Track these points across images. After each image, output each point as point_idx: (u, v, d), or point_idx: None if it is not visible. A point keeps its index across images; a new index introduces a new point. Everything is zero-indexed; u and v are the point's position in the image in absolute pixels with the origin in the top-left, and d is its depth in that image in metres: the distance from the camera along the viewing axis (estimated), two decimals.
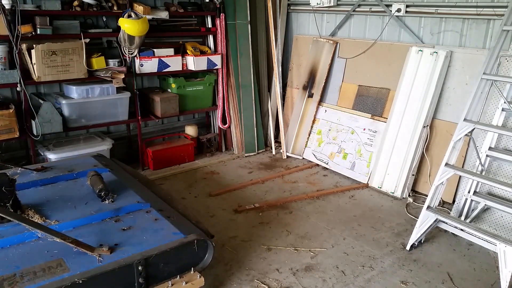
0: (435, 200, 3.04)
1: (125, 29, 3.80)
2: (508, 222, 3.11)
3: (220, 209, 3.62)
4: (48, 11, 3.62)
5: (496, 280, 2.69)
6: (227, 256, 2.92)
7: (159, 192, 3.02)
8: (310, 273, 2.76)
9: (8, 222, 2.29)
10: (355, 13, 4.40)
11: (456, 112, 3.60)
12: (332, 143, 4.48)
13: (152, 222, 2.44)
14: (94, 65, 3.89)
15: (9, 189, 2.34)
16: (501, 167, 3.18)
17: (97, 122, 4.10)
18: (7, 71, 3.54)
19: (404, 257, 2.94)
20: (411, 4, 3.88)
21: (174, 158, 4.57)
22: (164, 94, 4.40)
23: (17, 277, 1.93)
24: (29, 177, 2.94)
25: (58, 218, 2.43)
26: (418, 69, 3.79)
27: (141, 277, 2.07)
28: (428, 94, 3.71)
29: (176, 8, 4.38)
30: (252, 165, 4.63)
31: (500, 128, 3.03)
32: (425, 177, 3.89)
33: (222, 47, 4.66)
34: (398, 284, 2.66)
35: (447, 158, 2.90)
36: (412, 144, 3.79)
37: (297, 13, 5.05)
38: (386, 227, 3.35)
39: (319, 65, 4.60)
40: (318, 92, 4.58)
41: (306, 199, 3.80)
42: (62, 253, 2.09)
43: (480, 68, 2.99)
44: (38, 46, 3.52)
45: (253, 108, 4.92)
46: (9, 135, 3.63)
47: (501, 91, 3.04)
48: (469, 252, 3.01)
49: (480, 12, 3.45)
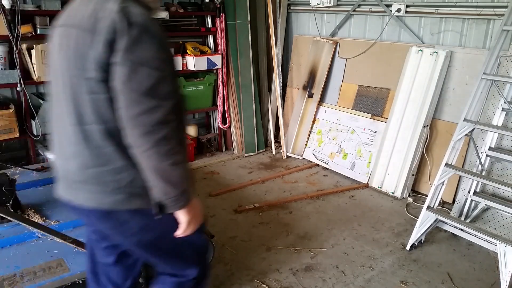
0: (435, 200, 3.04)
1: None
2: (508, 222, 3.11)
3: (220, 209, 3.62)
4: (48, 11, 3.62)
5: (496, 280, 2.68)
6: (227, 256, 2.92)
7: None
8: (310, 273, 2.76)
9: (8, 222, 2.29)
10: (355, 13, 4.40)
11: (456, 112, 3.60)
12: (332, 143, 4.48)
13: None
14: None
15: (9, 189, 2.35)
16: (501, 167, 3.18)
17: None
18: (7, 71, 3.54)
19: (404, 257, 2.94)
20: (411, 4, 3.88)
21: None
22: None
23: (17, 277, 1.93)
24: (29, 177, 2.94)
25: (58, 218, 2.43)
26: (418, 69, 3.79)
27: (141, 277, 2.07)
28: (428, 94, 3.71)
29: (176, 8, 4.38)
30: (252, 165, 4.63)
31: (500, 128, 3.03)
32: (425, 177, 3.89)
33: (222, 47, 4.66)
34: (398, 284, 2.66)
35: (447, 158, 2.90)
36: (412, 144, 3.79)
37: (297, 13, 5.05)
38: (386, 227, 3.35)
39: (319, 65, 4.60)
40: (318, 92, 4.58)
41: (306, 199, 3.80)
42: (62, 253, 2.10)
43: (480, 68, 2.99)
44: (38, 46, 3.52)
45: (253, 108, 4.92)
46: (9, 135, 3.63)
47: (501, 91, 3.04)
48: (469, 252, 3.01)
49: (480, 12, 3.45)
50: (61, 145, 1.48)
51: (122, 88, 1.27)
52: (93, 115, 1.35)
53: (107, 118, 1.34)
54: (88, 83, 1.33)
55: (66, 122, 1.40)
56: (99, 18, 1.29)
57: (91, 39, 1.29)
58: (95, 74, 1.31)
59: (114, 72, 1.28)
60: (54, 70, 1.46)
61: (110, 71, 1.29)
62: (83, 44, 1.32)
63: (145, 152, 1.30)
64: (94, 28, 1.29)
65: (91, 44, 1.29)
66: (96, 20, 1.29)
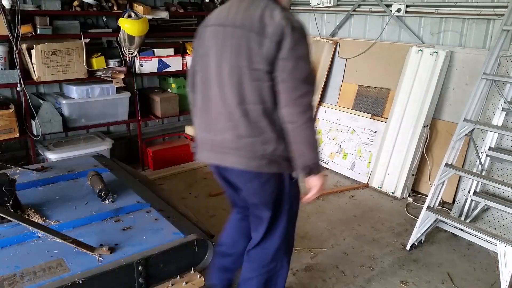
0: (435, 200, 3.04)
1: (125, 29, 3.80)
2: (508, 222, 3.11)
3: (220, 209, 3.62)
4: (48, 11, 3.63)
5: (496, 280, 2.69)
6: None
7: (159, 192, 3.02)
8: (310, 273, 2.76)
9: (8, 222, 2.29)
10: (355, 13, 4.40)
11: (456, 112, 3.60)
12: (332, 143, 4.48)
13: (152, 222, 2.44)
14: (94, 65, 3.89)
15: (9, 189, 2.34)
16: (501, 167, 3.18)
17: (97, 122, 4.10)
18: (7, 71, 3.54)
19: (404, 257, 2.94)
20: (411, 4, 3.88)
21: (174, 158, 4.57)
22: (164, 94, 4.40)
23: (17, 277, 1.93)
24: (29, 177, 2.93)
25: (58, 218, 2.43)
26: (418, 69, 3.79)
27: (141, 277, 2.07)
28: (428, 94, 3.71)
29: (176, 8, 4.38)
30: None
31: (500, 128, 3.03)
32: (425, 177, 3.89)
33: None
34: (398, 284, 2.66)
35: (447, 158, 2.90)
36: (412, 144, 3.79)
37: (297, 13, 5.05)
38: (386, 227, 3.35)
39: (319, 65, 4.60)
40: (318, 92, 4.58)
41: None
42: (62, 253, 2.09)
43: (480, 68, 3.00)
44: (38, 46, 3.52)
45: None
46: (9, 135, 3.63)
47: (501, 91, 3.04)
48: (469, 252, 3.01)
49: (480, 12, 3.45)
50: (214, 121, 1.85)
51: (286, 77, 1.66)
52: (254, 97, 1.72)
53: (265, 100, 1.72)
54: (253, 72, 1.70)
55: (226, 102, 1.77)
56: (267, 24, 1.66)
57: (260, 40, 1.66)
58: (262, 66, 1.68)
59: (280, 65, 1.66)
60: (205, 62, 1.84)
61: (275, 64, 1.67)
62: (251, 42, 1.68)
63: (301, 126, 1.69)
64: (263, 31, 1.66)
65: (260, 43, 1.66)
66: (264, 25, 1.67)
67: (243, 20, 1.73)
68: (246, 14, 1.73)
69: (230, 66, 1.74)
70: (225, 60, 1.76)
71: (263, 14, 1.69)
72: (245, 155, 1.80)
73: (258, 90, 1.72)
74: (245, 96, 1.73)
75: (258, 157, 1.78)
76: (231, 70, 1.74)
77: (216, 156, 1.90)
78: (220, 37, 1.79)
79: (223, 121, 1.81)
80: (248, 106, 1.74)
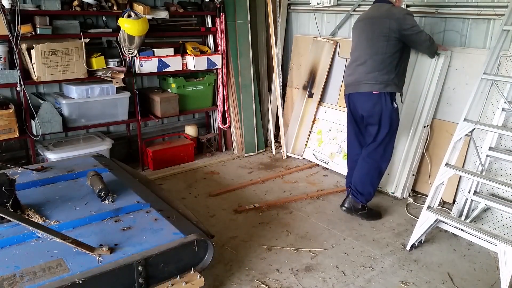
0: (435, 200, 3.04)
1: (125, 29, 3.80)
2: (508, 222, 3.11)
3: (220, 209, 3.62)
4: (48, 11, 3.63)
5: (496, 280, 2.69)
6: (227, 256, 2.92)
7: (159, 192, 3.02)
8: (310, 273, 2.76)
9: (8, 222, 2.29)
10: (355, 13, 4.40)
11: (456, 112, 3.60)
12: (332, 143, 4.48)
13: (152, 222, 2.44)
14: (94, 65, 3.89)
15: (9, 189, 2.34)
16: (502, 167, 3.18)
17: (97, 122, 4.10)
18: (7, 71, 3.54)
19: (404, 257, 2.94)
20: (411, 4, 3.88)
21: (174, 158, 4.57)
22: (164, 94, 4.40)
23: (17, 277, 1.93)
24: (29, 177, 2.93)
25: (58, 218, 2.43)
26: (418, 69, 3.78)
27: (141, 277, 2.08)
28: (428, 94, 3.71)
29: (176, 8, 4.38)
30: (252, 165, 4.63)
31: (500, 128, 3.03)
32: (425, 177, 3.89)
33: (222, 47, 4.66)
34: (398, 284, 2.66)
35: (447, 158, 2.90)
36: (412, 144, 3.79)
37: (297, 13, 5.05)
38: (386, 227, 3.35)
39: (319, 65, 4.60)
40: (318, 92, 4.58)
41: (306, 199, 3.80)
42: (62, 253, 2.09)
43: (480, 68, 3.00)
44: (38, 46, 3.52)
45: (253, 108, 4.93)
46: (9, 135, 3.63)
47: (501, 91, 3.04)
48: (469, 252, 3.01)
49: (480, 12, 3.45)
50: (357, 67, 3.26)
51: (415, 39, 3.18)
52: (385, 50, 3.13)
53: (390, 52, 3.14)
54: (385, 38, 3.11)
55: (368, 54, 3.20)
56: (391, 13, 3.13)
57: (389, 21, 3.10)
58: (392, 34, 3.11)
59: (406, 34, 3.12)
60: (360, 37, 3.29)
61: (399, 34, 3.10)
62: (384, 23, 3.12)
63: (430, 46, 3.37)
64: (390, 17, 3.11)
65: (389, 23, 3.10)
66: (390, 14, 3.13)
67: (376, 15, 3.20)
68: (379, 11, 3.20)
69: (373, 35, 3.16)
70: (372, 32, 3.18)
71: (388, 10, 3.17)
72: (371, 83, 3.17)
73: (387, 46, 3.12)
74: (379, 50, 3.14)
75: (379, 83, 3.14)
76: (373, 36, 3.16)
77: (355, 87, 3.26)
78: (368, 23, 3.24)
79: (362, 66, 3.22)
80: (380, 55, 3.13)
